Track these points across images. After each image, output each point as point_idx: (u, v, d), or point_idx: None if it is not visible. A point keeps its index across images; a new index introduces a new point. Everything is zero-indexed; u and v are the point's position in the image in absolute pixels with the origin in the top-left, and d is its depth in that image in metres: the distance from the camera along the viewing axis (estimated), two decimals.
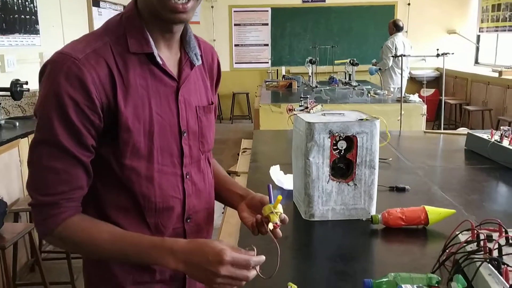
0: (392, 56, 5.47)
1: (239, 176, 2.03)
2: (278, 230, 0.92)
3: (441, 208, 1.36)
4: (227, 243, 0.84)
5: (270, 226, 0.90)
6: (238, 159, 2.34)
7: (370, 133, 1.37)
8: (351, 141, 1.38)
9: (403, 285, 0.91)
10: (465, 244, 1.05)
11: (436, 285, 0.95)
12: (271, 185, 0.92)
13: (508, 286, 0.87)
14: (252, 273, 0.83)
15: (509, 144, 1.94)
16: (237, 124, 8.28)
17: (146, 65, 0.92)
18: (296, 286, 1.00)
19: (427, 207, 1.34)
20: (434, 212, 1.33)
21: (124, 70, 0.89)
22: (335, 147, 1.38)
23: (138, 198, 0.94)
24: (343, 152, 1.39)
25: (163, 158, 0.94)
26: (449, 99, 7.14)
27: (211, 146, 1.07)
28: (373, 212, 1.42)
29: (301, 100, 3.22)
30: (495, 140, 2.02)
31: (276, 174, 1.74)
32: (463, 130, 2.79)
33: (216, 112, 1.13)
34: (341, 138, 1.37)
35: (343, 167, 1.41)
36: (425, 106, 4.01)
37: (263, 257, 0.84)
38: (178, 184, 0.98)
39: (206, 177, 1.06)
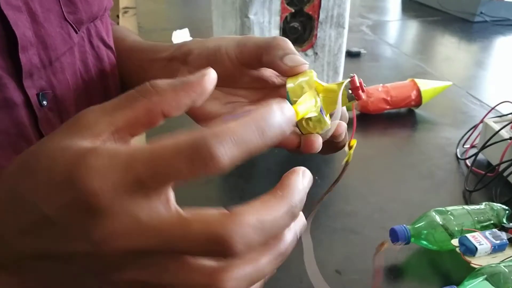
0: None
1: None
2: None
3: (431, 81, 0.97)
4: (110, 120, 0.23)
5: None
6: (118, 23, 1.71)
7: None
8: None
9: (469, 236, 0.52)
10: None
11: (507, 221, 0.57)
12: None
13: None
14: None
15: None
16: None
17: None
18: None
19: (418, 81, 0.94)
20: (428, 87, 0.94)
21: None
22: None
23: None
24: (298, 3, 0.88)
25: None
26: None
27: (102, 3, 0.46)
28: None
29: None
30: None
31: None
32: None
33: None
34: None
35: (298, 27, 0.91)
36: None
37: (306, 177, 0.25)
38: (23, 127, 0.36)
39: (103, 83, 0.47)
